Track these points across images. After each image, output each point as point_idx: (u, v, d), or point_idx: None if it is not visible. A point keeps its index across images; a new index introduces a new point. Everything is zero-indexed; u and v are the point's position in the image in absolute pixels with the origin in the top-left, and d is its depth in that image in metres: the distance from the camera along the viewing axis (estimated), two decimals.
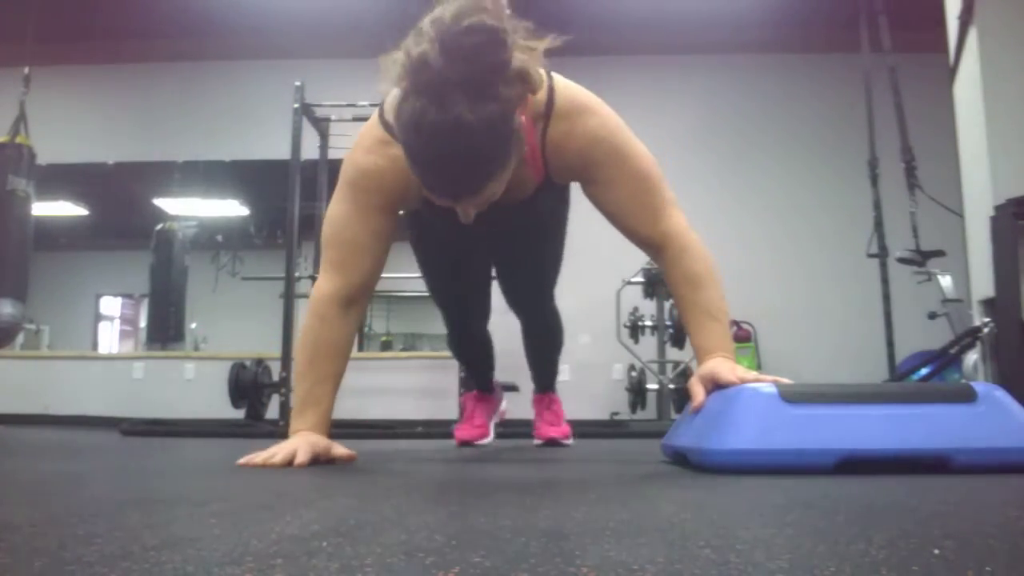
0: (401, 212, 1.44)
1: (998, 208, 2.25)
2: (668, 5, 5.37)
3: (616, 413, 5.04)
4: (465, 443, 2.17)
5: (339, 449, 1.28)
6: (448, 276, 1.84)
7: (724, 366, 1.20)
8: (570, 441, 2.24)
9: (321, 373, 1.32)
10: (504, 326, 2.02)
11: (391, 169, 1.29)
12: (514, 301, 1.98)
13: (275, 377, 4.13)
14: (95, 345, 7.95)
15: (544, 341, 2.12)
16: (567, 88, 1.30)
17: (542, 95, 1.27)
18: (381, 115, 1.33)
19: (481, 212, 1.22)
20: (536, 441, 2.24)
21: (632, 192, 1.33)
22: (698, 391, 1.22)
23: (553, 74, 1.30)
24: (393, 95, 1.26)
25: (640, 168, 1.34)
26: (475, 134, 1.01)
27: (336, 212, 1.36)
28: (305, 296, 4.34)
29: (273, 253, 5.19)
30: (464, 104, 0.99)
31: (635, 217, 1.34)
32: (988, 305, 2.37)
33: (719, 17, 5.44)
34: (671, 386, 4.45)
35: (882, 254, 3.95)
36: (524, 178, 1.32)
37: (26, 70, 4.06)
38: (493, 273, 1.93)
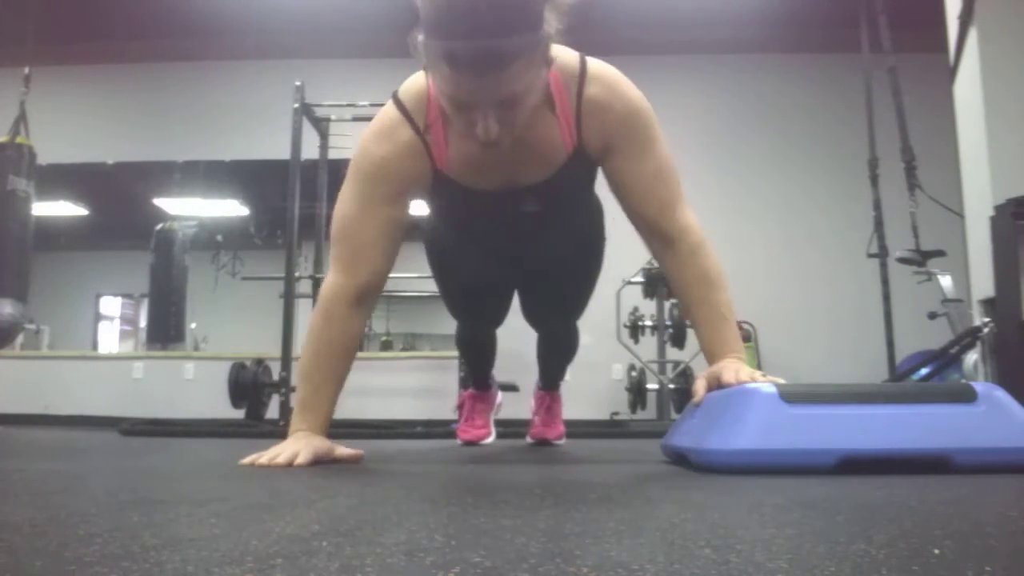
0: (412, 204, 1.40)
1: (998, 208, 2.26)
2: (667, 5, 5.37)
3: (616, 413, 5.03)
4: (469, 444, 2.18)
5: (342, 450, 1.28)
6: (464, 289, 1.72)
7: (729, 367, 1.21)
8: (562, 441, 2.24)
9: (326, 374, 1.31)
10: (509, 326, 2.02)
11: (401, 154, 1.28)
12: (533, 321, 1.89)
13: (275, 377, 4.13)
14: (95, 345, 7.95)
15: (558, 353, 2.09)
16: (599, 61, 1.31)
17: (574, 61, 1.27)
18: (396, 95, 1.32)
19: (504, 191, 1.21)
20: (528, 440, 2.25)
21: (654, 174, 1.32)
22: (700, 388, 1.23)
23: None
24: (413, 78, 1.31)
25: (666, 156, 1.34)
26: None
27: (345, 208, 1.33)
28: (305, 296, 4.34)
29: (273, 253, 5.18)
30: None
31: (655, 201, 1.33)
32: (988, 305, 2.37)
33: (718, 17, 5.44)
34: (671, 386, 4.45)
35: (882, 254, 3.95)
36: (553, 141, 1.29)
37: (26, 70, 4.06)
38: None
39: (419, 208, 1.49)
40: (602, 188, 1.44)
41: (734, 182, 5.57)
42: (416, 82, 1.31)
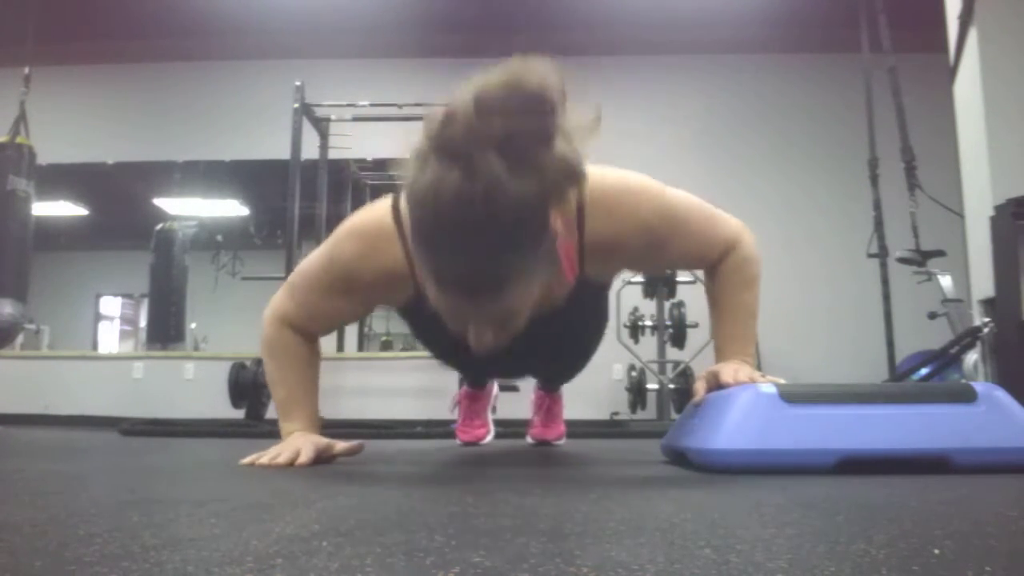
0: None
1: (998, 208, 2.26)
2: (667, 5, 5.37)
3: (616, 413, 5.03)
4: (469, 444, 2.18)
5: (341, 444, 1.28)
6: (458, 366, 1.65)
7: (729, 367, 1.21)
8: (562, 441, 2.24)
9: (297, 375, 1.30)
10: None
11: (380, 276, 1.15)
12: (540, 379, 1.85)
13: None
14: (95, 345, 7.95)
15: (560, 382, 2.08)
16: (599, 177, 1.08)
17: (571, 197, 1.07)
18: (395, 203, 1.13)
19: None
20: (528, 440, 2.25)
21: (692, 243, 1.24)
22: (700, 389, 1.23)
23: None
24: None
25: (692, 221, 1.22)
26: (507, 207, 0.80)
27: (306, 280, 1.24)
28: None
29: (273, 253, 5.19)
30: (499, 168, 0.80)
31: (699, 259, 1.27)
32: (988, 305, 2.37)
33: (718, 17, 5.44)
34: (671, 386, 4.45)
35: (882, 254, 3.95)
36: (552, 284, 1.12)
37: (26, 70, 4.06)
38: None
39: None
40: None
41: (734, 182, 5.56)
42: None
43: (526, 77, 0.82)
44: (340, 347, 5.49)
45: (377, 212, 1.15)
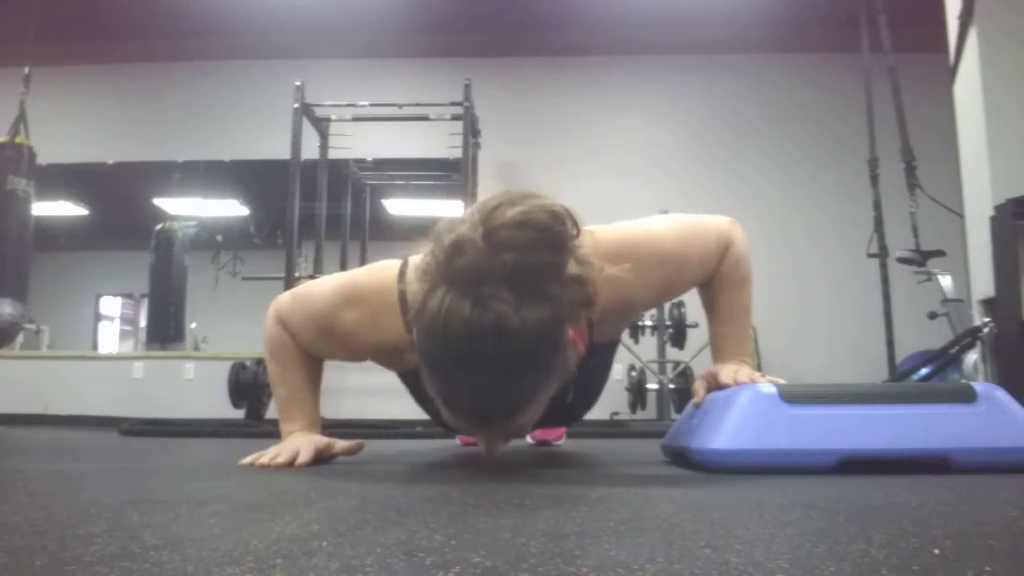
0: None
1: (998, 208, 2.25)
2: (667, 5, 5.37)
3: (616, 413, 5.03)
4: (469, 444, 2.17)
5: (341, 444, 1.28)
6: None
7: (728, 368, 1.21)
8: (562, 441, 2.24)
9: (299, 376, 1.29)
10: None
11: (379, 347, 1.14)
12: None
13: None
14: (95, 345, 7.94)
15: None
16: (599, 242, 1.04)
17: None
18: (402, 277, 1.10)
19: None
20: (528, 440, 2.25)
21: (696, 269, 1.24)
22: (700, 389, 1.23)
23: None
24: (417, 271, 0.91)
25: (690, 251, 1.21)
26: (519, 341, 0.80)
27: (311, 317, 1.22)
28: None
29: (273, 253, 5.19)
30: (509, 302, 0.79)
31: (705, 278, 1.27)
32: (988, 305, 2.37)
33: (718, 17, 5.44)
34: (671, 386, 4.45)
35: (882, 254, 3.95)
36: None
37: (26, 70, 4.06)
38: None
39: None
40: None
41: (734, 182, 5.57)
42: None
43: (536, 211, 0.81)
44: None
45: (383, 282, 1.13)
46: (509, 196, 0.84)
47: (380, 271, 1.16)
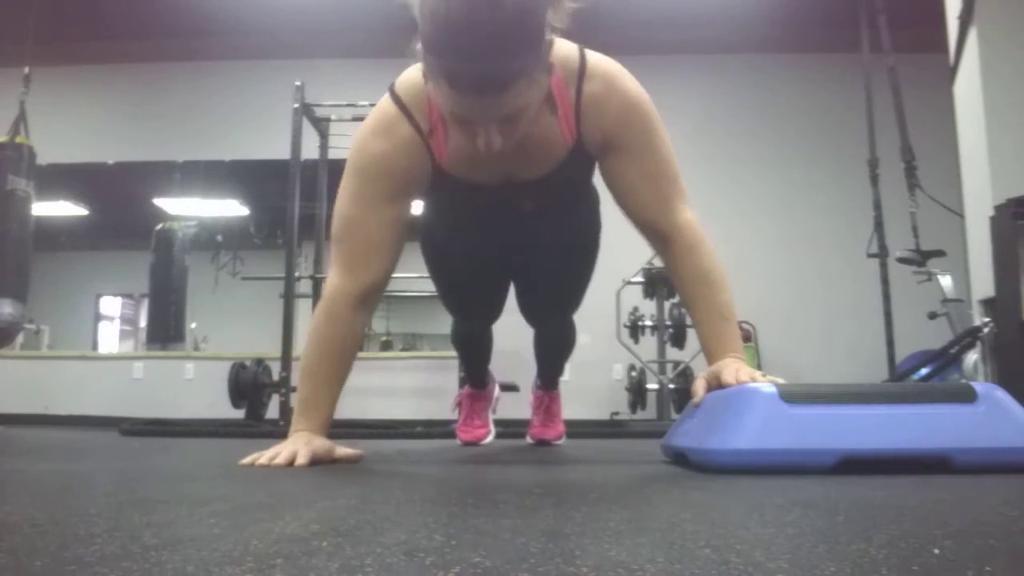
0: (414, 202, 1.39)
1: (998, 208, 2.26)
2: (667, 5, 5.37)
3: (616, 413, 5.04)
4: (469, 444, 2.18)
5: (342, 450, 1.28)
6: (462, 286, 1.71)
7: (729, 367, 1.21)
8: (562, 441, 2.24)
9: (328, 374, 1.30)
10: (507, 325, 2.02)
11: (399, 151, 1.27)
12: (531, 316, 1.88)
13: (275, 377, 4.13)
14: (95, 345, 7.95)
15: (556, 349, 2.08)
16: (598, 55, 1.29)
17: (573, 57, 1.26)
18: (393, 91, 1.29)
19: (503, 186, 1.21)
20: (528, 440, 2.25)
21: (653, 171, 1.31)
22: (700, 389, 1.24)
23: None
24: (410, 70, 1.26)
25: (665, 151, 1.32)
26: (509, 8, 0.98)
27: (345, 207, 1.31)
28: (305, 296, 4.34)
29: (273, 253, 5.19)
30: None
31: (649, 199, 1.32)
32: (988, 305, 2.37)
33: (718, 16, 5.44)
34: (671, 386, 4.45)
35: (882, 254, 3.95)
36: (553, 138, 1.28)
37: (26, 70, 4.06)
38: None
39: (417, 207, 1.49)
40: (598, 177, 1.43)
41: (734, 183, 5.57)
42: (413, 76, 1.27)
43: None
44: None
45: (380, 107, 1.30)
46: None
47: (373, 108, 1.33)
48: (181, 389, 5.43)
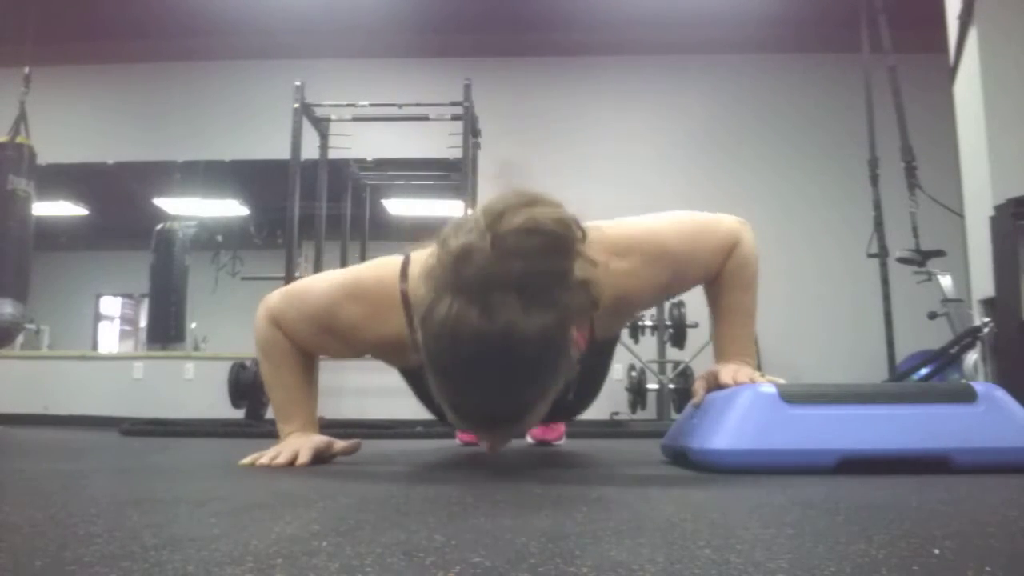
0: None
1: (998, 208, 2.25)
2: (667, 5, 5.37)
3: (616, 413, 5.03)
4: (468, 444, 2.18)
5: (340, 443, 1.28)
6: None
7: (728, 368, 1.21)
8: (562, 441, 2.24)
9: (294, 377, 1.28)
10: None
11: (381, 341, 1.15)
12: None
13: None
14: (95, 345, 7.94)
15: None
16: (600, 238, 1.06)
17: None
18: (405, 274, 1.12)
19: None
20: (528, 440, 2.25)
21: (699, 268, 1.24)
22: (699, 389, 1.24)
23: None
24: (422, 273, 0.89)
25: (698, 249, 1.22)
26: (527, 348, 0.80)
27: (308, 312, 1.21)
28: None
29: (273, 253, 5.18)
30: (516, 309, 0.79)
31: (707, 277, 1.26)
32: (988, 305, 2.37)
33: (718, 17, 5.44)
34: (671, 386, 4.45)
35: (882, 254, 3.95)
36: None
37: (26, 70, 4.06)
38: None
39: None
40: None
41: (734, 182, 5.57)
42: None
43: (543, 217, 0.82)
44: None
45: (385, 277, 1.14)
46: (514, 200, 0.83)
47: (382, 267, 1.16)
48: (181, 389, 5.43)
